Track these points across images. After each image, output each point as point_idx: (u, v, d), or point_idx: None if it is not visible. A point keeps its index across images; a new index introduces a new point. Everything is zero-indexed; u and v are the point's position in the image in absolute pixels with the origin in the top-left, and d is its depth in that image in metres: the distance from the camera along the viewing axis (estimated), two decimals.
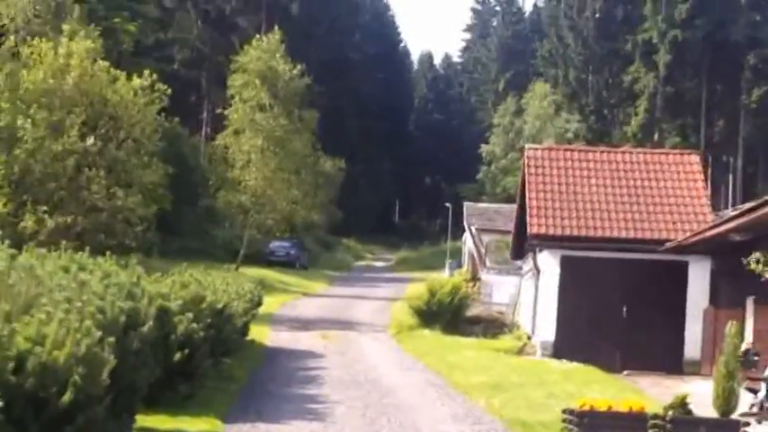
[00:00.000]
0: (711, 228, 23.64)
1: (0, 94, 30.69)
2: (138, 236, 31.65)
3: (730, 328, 16.11)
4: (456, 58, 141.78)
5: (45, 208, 29.60)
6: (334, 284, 58.67)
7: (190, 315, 16.05)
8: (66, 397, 6.88)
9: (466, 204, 65.87)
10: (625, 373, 26.66)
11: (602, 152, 33.87)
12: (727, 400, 15.16)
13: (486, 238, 54.78)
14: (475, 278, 46.80)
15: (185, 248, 47.83)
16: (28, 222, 29.01)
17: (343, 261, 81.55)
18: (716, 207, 57.66)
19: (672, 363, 27.66)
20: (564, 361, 26.80)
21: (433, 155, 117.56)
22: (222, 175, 54.76)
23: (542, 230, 29.59)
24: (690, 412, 15.05)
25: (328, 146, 68.93)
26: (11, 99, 30.50)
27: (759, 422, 17.57)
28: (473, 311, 37.57)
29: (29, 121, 29.90)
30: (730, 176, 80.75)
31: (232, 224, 57.67)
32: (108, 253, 13.52)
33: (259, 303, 29.92)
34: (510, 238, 38.93)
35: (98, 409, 7.73)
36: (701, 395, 16.70)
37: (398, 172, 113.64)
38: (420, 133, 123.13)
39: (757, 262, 20.34)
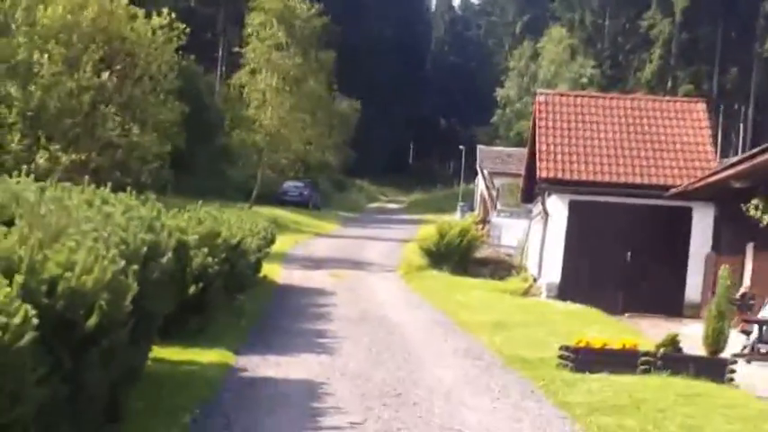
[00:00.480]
0: (714, 174, 24.15)
1: (17, 28, 30.90)
2: (153, 173, 32.18)
3: (723, 271, 16.71)
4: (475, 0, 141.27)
5: (58, 146, 29.97)
6: (346, 225, 59.30)
7: (205, 250, 16.65)
8: (93, 320, 7.46)
9: (479, 147, 66.32)
10: (627, 315, 27.25)
11: (612, 98, 34.40)
12: (716, 340, 15.76)
13: (498, 181, 55.32)
14: (485, 221, 47.35)
15: (199, 187, 48.36)
16: (41, 159, 29.36)
17: (356, 202, 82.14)
18: (726, 155, 58.08)
19: (673, 306, 28.25)
20: (568, 302, 27.39)
21: (449, 97, 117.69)
22: (237, 113, 55.28)
23: (551, 174, 30.18)
24: (680, 350, 15.65)
25: (344, 86, 69.23)
26: (28, 34, 30.69)
27: (749, 362, 18.22)
28: (482, 253, 38.13)
29: (45, 56, 30.17)
30: (741, 125, 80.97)
31: (246, 163, 58.15)
32: (128, 189, 14.09)
33: (272, 241, 30.60)
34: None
35: (121, 334, 8.37)
36: (696, 336, 17.26)
37: (413, 113, 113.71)
38: (436, 75, 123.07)
39: (756, 208, 20.97)
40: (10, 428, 6.29)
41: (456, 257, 35.36)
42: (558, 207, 30.34)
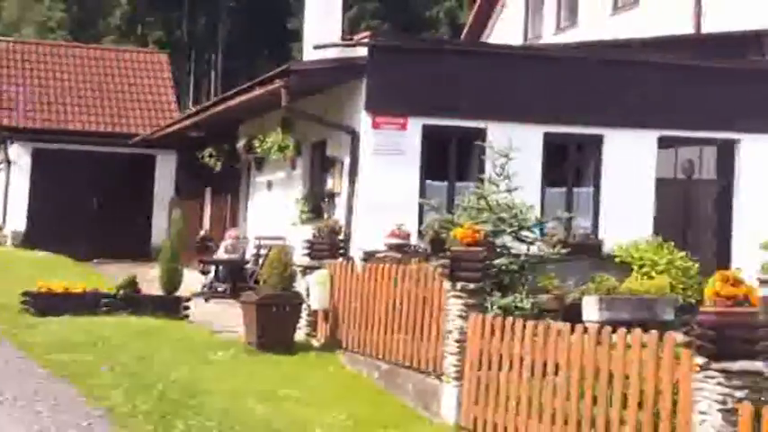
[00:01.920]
0: (173, 124, 25.39)
1: None
2: None
3: (175, 215, 17.91)
4: None
5: None
6: None
7: None
8: None
9: None
10: (95, 261, 27.70)
11: (75, 47, 34.93)
12: (170, 280, 16.87)
13: None
14: None
15: None
16: None
17: None
18: (199, 101, 59.99)
19: (142, 251, 29.12)
20: (36, 251, 27.40)
21: None
22: None
23: (13, 122, 30.12)
24: (139, 291, 16.65)
25: None
26: None
27: (207, 300, 19.63)
28: None
29: None
30: (212, 72, 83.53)
31: None
32: None
33: None
34: None
35: None
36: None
37: None
38: None
39: (210, 156, 22.52)
40: None
41: None
42: (20, 155, 30.32)
